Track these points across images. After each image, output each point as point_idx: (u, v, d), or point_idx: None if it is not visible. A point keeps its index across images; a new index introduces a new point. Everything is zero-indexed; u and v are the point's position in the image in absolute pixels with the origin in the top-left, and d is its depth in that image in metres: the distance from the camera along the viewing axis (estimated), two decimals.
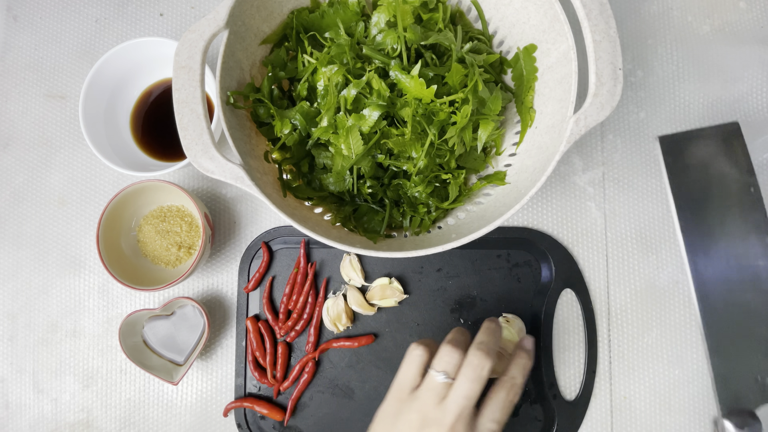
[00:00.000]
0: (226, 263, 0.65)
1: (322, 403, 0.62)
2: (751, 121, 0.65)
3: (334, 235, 0.49)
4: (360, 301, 0.61)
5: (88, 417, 0.64)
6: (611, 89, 0.45)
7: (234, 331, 0.64)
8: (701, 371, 0.61)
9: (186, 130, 0.46)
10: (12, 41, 0.71)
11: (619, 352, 0.62)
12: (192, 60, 0.46)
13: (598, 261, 0.63)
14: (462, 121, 0.50)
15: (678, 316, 0.62)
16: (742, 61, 0.66)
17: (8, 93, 0.70)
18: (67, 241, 0.67)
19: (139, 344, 0.61)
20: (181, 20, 0.71)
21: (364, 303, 0.62)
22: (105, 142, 0.61)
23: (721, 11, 0.67)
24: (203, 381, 0.64)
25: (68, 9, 0.71)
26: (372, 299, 0.61)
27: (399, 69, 0.50)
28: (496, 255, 0.63)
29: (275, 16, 0.54)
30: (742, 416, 0.55)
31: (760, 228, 0.59)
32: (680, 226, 0.62)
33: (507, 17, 0.54)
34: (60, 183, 0.68)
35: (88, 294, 0.66)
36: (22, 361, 0.65)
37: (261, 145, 0.55)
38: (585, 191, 0.65)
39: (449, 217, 0.57)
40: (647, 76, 0.66)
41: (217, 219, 0.66)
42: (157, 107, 0.67)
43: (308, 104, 0.52)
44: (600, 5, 0.45)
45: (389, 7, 0.52)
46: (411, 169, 0.53)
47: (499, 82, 0.57)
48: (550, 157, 0.46)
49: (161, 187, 0.60)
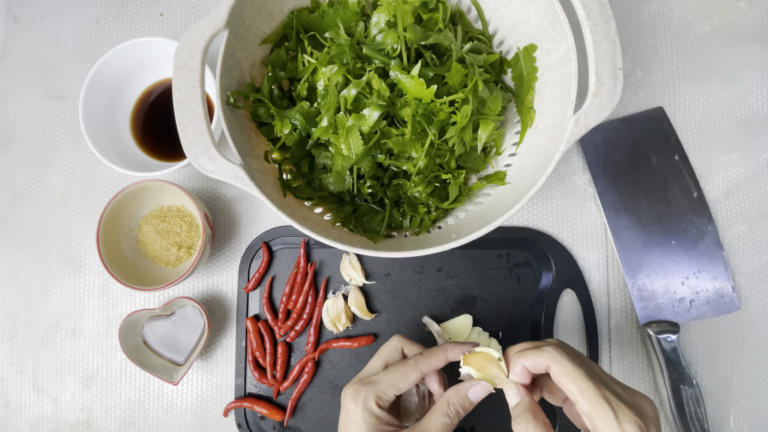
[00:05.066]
0: (226, 263, 0.65)
1: (322, 403, 0.62)
2: (751, 121, 0.65)
3: (334, 235, 0.49)
4: (360, 304, 0.61)
5: (88, 417, 0.64)
6: (611, 89, 0.45)
7: (234, 331, 0.64)
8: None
9: (186, 130, 0.46)
10: (12, 41, 0.71)
11: (619, 352, 0.62)
12: (192, 60, 0.46)
13: (598, 261, 0.63)
14: (462, 121, 0.50)
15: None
16: (742, 61, 0.66)
17: (8, 93, 0.70)
18: (67, 241, 0.67)
19: (139, 344, 0.61)
20: (181, 20, 0.71)
21: (364, 307, 0.62)
22: (105, 142, 0.61)
23: (721, 11, 0.67)
24: (203, 381, 0.64)
25: (68, 9, 0.71)
26: (467, 363, 0.43)
27: (399, 69, 0.50)
28: (496, 255, 0.63)
29: (275, 16, 0.54)
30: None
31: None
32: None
33: (507, 17, 0.54)
34: (60, 183, 0.68)
35: (88, 294, 0.66)
36: (22, 361, 0.65)
37: (261, 145, 0.55)
38: (585, 191, 0.65)
39: (449, 217, 0.57)
40: (647, 76, 0.66)
41: (217, 219, 0.66)
42: (157, 107, 0.67)
43: (308, 104, 0.52)
44: (600, 5, 0.45)
45: (389, 7, 0.52)
46: (411, 169, 0.53)
47: (499, 82, 0.57)
48: (550, 157, 0.46)
49: (161, 187, 0.60)
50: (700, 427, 0.56)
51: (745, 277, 0.62)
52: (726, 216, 0.63)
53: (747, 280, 0.62)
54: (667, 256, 0.61)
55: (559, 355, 0.38)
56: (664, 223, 0.62)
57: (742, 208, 0.63)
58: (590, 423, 0.35)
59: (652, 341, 0.59)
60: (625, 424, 0.34)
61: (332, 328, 0.61)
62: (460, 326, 0.60)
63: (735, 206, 0.63)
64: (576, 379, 0.36)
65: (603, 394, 0.35)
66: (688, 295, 0.61)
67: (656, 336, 0.58)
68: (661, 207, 0.62)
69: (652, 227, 0.62)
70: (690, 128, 0.65)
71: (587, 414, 0.35)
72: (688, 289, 0.61)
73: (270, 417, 0.60)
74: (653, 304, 0.61)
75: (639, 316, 0.61)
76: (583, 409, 0.36)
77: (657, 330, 0.59)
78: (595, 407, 0.35)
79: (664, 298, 0.61)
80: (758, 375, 0.60)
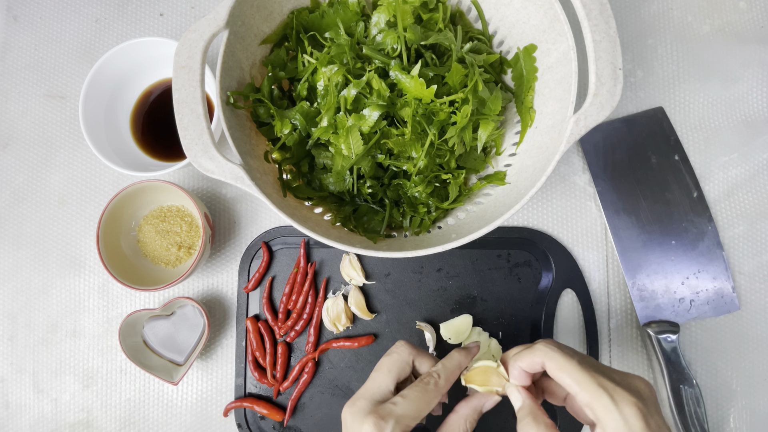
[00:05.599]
0: (226, 263, 0.65)
1: (322, 404, 0.62)
2: (751, 121, 0.65)
3: (334, 235, 0.49)
4: (360, 304, 0.61)
5: (88, 417, 0.64)
6: (611, 89, 0.45)
7: (234, 331, 0.64)
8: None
9: (186, 130, 0.46)
10: (12, 41, 0.71)
11: (619, 352, 0.62)
12: (192, 60, 0.46)
13: (598, 261, 0.63)
14: (462, 121, 0.50)
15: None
16: (742, 61, 0.66)
17: (8, 93, 0.70)
18: (67, 241, 0.67)
19: (139, 344, 0.61)
20: (181, 20, 0.71)
21: (364, 307, 0.62)
22: (105, 142, 0.61)
23: (721, 11, 0.67)
24: (203, 381, 0.64)
25: (68, 9, 0.71)
26: (469, 382, 0.43)
27: (399, 69, 0.50)
28: (496, 255, 0.63)
29: (275, 16, 0.54)
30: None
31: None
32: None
33: (507, 17, 0.54)
34: (60, 183, 0.68)
35: (88, 294, 0.66)
36: (22, 361, 0.65)
37: (261, 145, 0.55)
38: (585, 191, 0.65)
39: (449, 217, 0.57)
40: (647, 76, 0.66)
41: (217, 219, 0.66)
42: (157, 107, 0.67)
43: (308, 104, 0.52)
44: (600, 5, 0.45)
45: (389, 7, 0.52)
46: (411, 169, 0.53)
47: (499, 82, 0.57)
48: (550, 157, 0.46)
49: (161, 187, 0.60)
50: (700, 427, 0.56)
51: (745, 277, 0.62)
52: (726, 216, 0.63)
53: (747, 280, 0.62)
54: (667, 256, 0.61)
55: (550, 351, 0.38)
56: (664, 223, 0.62)
57: (742, 208, 0.63)
58: (591, 413, 0.36)
59: (652, 341, 0.59)
60: (624, 408, 0.34)
61: (332, 328, 0.61)
62: (460, 326, 0.60)
63: (735, 206, 0.63)
64: (571, 372, 0.37)
65: (599, 382, 0.36)
66: (688, 295, 0.61)
67: (656, 336, 0.58)
68: (661, 207, 0.62)
69: (652, 227, 0.62)
70: (690, 128, 0.65)
71: (587, 404, 0.36)
72: (688, 289, 0.61)
73: (270, 417, 0.60)
74: (653, 304, 0.61)
75: (639, 316, 0.61)
76: (583, 400, 0.36)
77: (657, 330, 0.59)
78: (592, 396, 0.35)
79: (664, 298, 0.61)
80: (758, 375, 0.60)
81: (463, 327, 0.60)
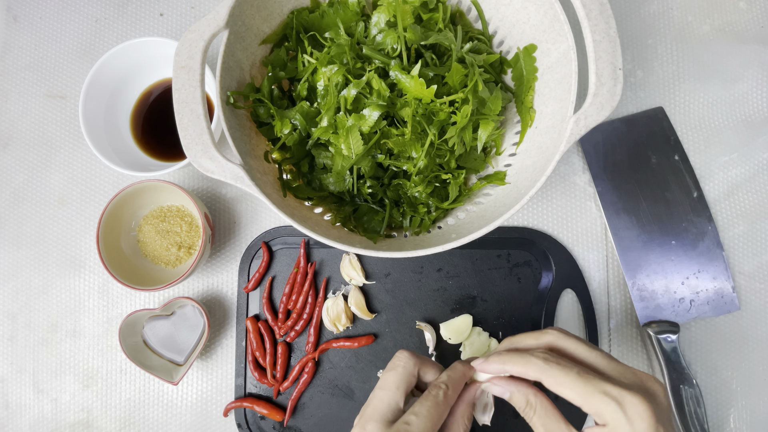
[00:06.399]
0: (226, 263, 0.65)
1: (322, 404, 0.62)
2: (751, 121, 0.65)
3: (334, 235, 0.49)
4: (360, 304, 0.61)
5: (88, 417, 0.64)
6: (611, 89, 0.45)
7: (234, 331, 0.64)
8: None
9: (186, 130, 0.46)
10: (12, 41, 0.71)
11: (619, 352, 0.62)
12: (192, 60, 0.46)
13: (598, 261, 0.63)
14: (462, 121, 0.50)
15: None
16: (742, 61, 0.66)
17: (8, 93, 0.70)
18: (67, 241, 0.67)
19: (139, 344, 0.61)
20: (181, 20, 0.71)
21: (364, 307, 0.62)
22: (105, 142, 0.61)
23: (721, 11, 0.67)
24: (203, 381, 0.64)
25: (68, 9, 0.71)
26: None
27: (399, 69, 0.50)
28: (496, 255, 0.63)
29: (275, 16, 0.54)
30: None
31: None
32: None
33: (507, 17, 0.54)
34: (60, 183, 0.68)
35: (88, 294, 0.66)
36: (22, 361, 0.65)
37: (261, 145, 0.55)
38: (585, 191, 0.65)
39: (449, 217, 0.57)
40: (647, 76, 0.66)
41: (217, 219, 0.66)
42: (157, 107, 0.67)
43: (308, 104, 0.52)
44: (600, 5, 0.45)
45: (389, 7, 0.52)
46: (411, 169, 0.53)
47: (499, 82, 0.57)
48: (550, 157, 0.46)
49: (161, 187, 0.60)
50: (700, 427, 0.56)
51: (745, 277, 0.62)
52: (726, 216, 0.63)
53: (747, 280, 0.62)
54: (667, 256, 0.61)
55: (548, 367, 0.37)
56: (664, 223, 0.62)
57: (742, 208, 0.63)
58: (600, 419, 0.36)
59: (652, 341, 0.59)
60: (633, 413, 0.34)
61: (332, 328, 0.61)
62: (460, 326, 0.60)
63: (735, 206, 0.63)
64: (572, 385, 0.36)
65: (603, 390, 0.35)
66: (688, 295, 0.61)
67: (656, 336, 0.58)
68: (661, 207, 0.62)
69: (652, 227, 0.62)
70: (690, 128, 0.65)
71: (593, 414, 0.36)
72: (688, 289, 0.61)
73: (270, 417, 0.60)
74: (653, 304, 0.61)
75: (639, 316, 0.61)
76: (590, 411, 0.36)
77: (657, 330, 0.59)
78: (599, 406, 0.35)
79: (664, 298, 0.61)
80: (758, 375, 0.60)
81: (463, 327, 0.60)
